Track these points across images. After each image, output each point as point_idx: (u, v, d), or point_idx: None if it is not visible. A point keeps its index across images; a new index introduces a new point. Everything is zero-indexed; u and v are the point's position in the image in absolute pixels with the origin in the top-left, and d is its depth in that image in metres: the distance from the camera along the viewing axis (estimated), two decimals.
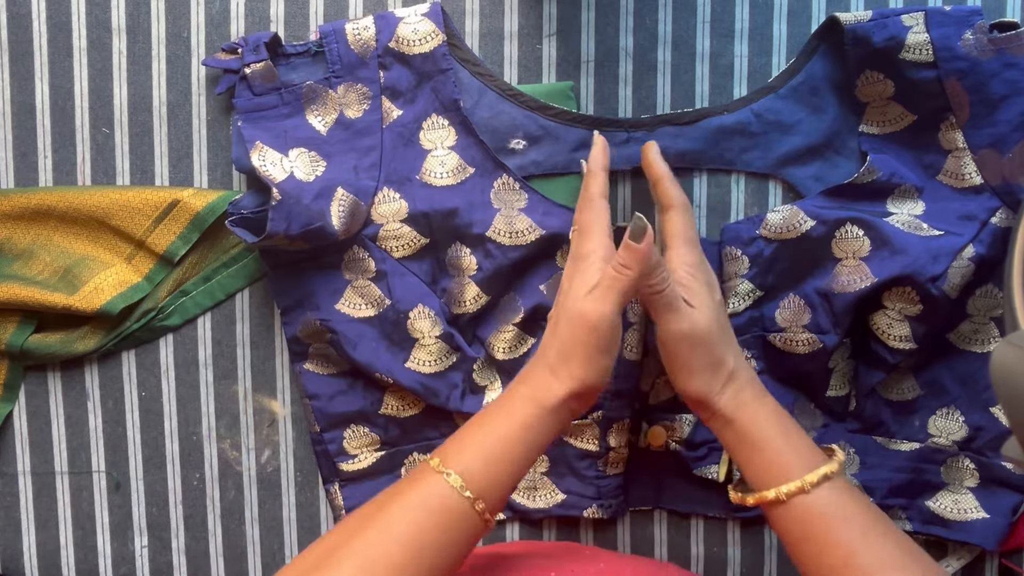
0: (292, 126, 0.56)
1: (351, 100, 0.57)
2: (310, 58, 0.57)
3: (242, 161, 0.56)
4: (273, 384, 0.61)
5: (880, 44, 0.53)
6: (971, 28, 0.52)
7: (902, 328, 0.54)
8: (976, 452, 0.57)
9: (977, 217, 0.54)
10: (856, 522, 0.45)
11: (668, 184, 0.53)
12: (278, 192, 0.53)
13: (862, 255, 0.54)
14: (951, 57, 0.52)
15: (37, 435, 0.62)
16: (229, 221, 0.55)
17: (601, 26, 0.59)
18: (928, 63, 0.53)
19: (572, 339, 0.47)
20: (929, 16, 0.53)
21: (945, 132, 0.55)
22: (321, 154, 0.56)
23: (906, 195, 0.56)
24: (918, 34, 0.52)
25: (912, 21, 0.53)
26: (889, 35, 0.53)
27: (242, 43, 0.56)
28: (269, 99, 0.56)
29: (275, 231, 0.53)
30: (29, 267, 0.59)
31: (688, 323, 0.48)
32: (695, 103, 0.58)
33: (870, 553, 0.44)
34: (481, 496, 0.44)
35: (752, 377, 0.50)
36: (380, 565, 0.42)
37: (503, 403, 0.48)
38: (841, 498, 0.46)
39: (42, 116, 0.60)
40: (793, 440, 0.48)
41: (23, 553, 0.62)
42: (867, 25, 0.53)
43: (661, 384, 0.59)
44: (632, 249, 0.46)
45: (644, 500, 0.61)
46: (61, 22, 0.59)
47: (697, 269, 0.51)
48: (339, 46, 0.56)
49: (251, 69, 0.56)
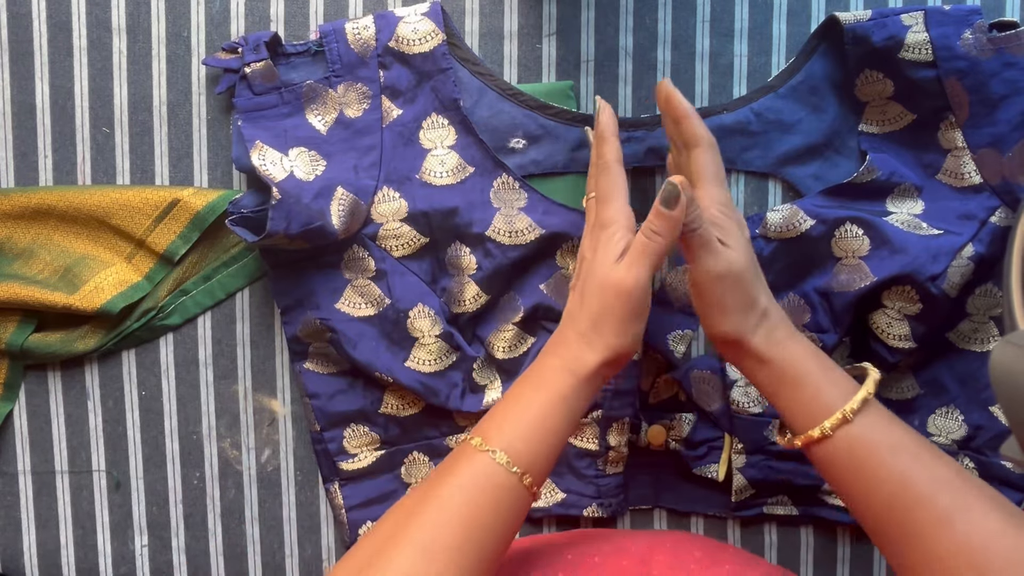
0: (292, 125, 0.56)
1: (351, 99, 0.57)
2: (310, 57, 0.57)
3: (242, 160, 0.56)
4: (273, 383, 0.61)
5: (879, 43, 0.53)
6: (970, 27, 0.52)
7: (901, 327, 0.54)
8: (976, 451, 0.57)
9: (976, 216, 0.54)
10: (905, 448, 0.44)
11: (694, 122, 0.51)
12: (278, 191, 0.53)
13: (862, 254, 0.54)
14: (950, 56, 0.52)
15: (37, 434, 0.62)
16: (229, 220, 0.55)
17: (601, 25, 0.59)
18: (928, 62, 0.53)
19: (603, 307, 0.47)
20: (928, 15, 0.53)
21: (944, 131, 0.55)
22: (321, 153, 0.56)
23: (905, 194, 0.56)
24: (917, 33, 0.52)
25: (911, 20, 0.53)
26: (888, 34, 0.53)
27: (242, 42, 0.56)
28: (269, 98, 0.56)
29: (275, 230, 0.53)
30: (29, 266, 0.59)
31: (724, 262, 0.47)
32: (695, 102, 0.58)
33: (925, 478, 0.43)
34: (528, 470, 0.45)
35: (783, 316, 0.49)
36: (438, 547, 0.42)
37: (535, 376, 0.48)
38: (885, 425, 0.45)
39: (42, 116, 0.60)
40: (831, 375, 0.47)
41: (23, 552, 0.62)
42: (867, 24, 0.53)
43: (661, 384, 0.59)
44: (664, 216, 0.46)
45: (644, 499, 0.61)
46: (61, 22, 0.59)
47: (728, 207, 0.50)
48: (339, 45, 0.56)
49: (251, 68, 0.56)
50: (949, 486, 0.43)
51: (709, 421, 0.58)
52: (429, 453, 0.60)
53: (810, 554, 0.60)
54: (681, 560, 0.50)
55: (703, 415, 0.58)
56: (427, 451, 0.60)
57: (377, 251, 0.57)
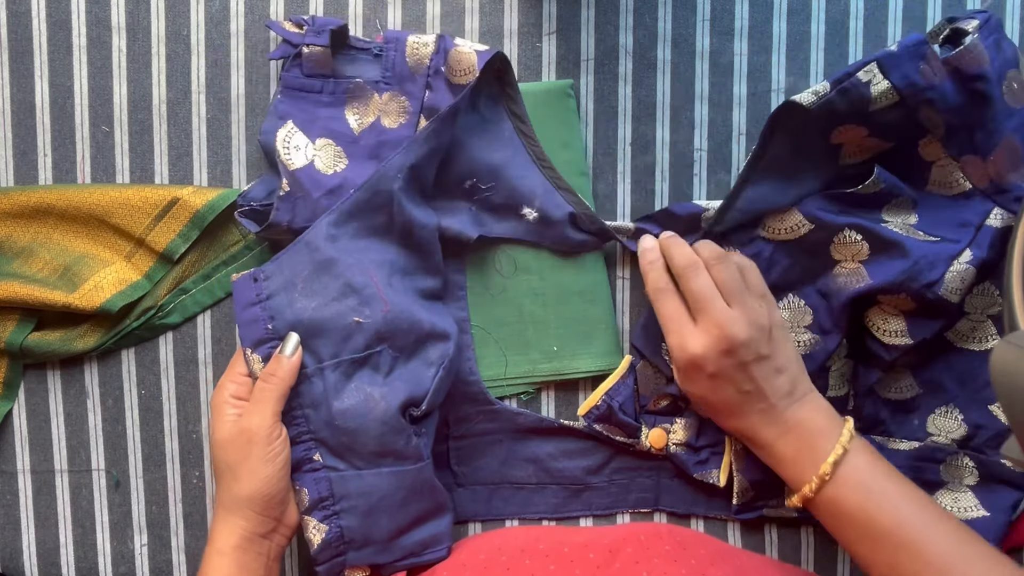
0: (328, 116, 0.56)
1: (392, 110, 0.57)
2: (371, 57, 0.57)
3: (269, 136, 0.56)
4: None
5: (848, 108, 0.52)
6: (923, 59, 0.51)
7: (897, 323, 0.54)
8: (975, 450, 0.57)
9: (972, 222, 0.54)
10: (888, 494, 0.48)
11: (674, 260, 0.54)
12: (288, 183, 0.53)
13: (861, 258, 0.54)
14: (916, 92, 0.51)
15: (37, 433, 0.62)
16: (238, 212, 0.55)
17: (601, 24, 0.59)
18: (896, 103, 0.51)
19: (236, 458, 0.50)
20: (881, 64, 0.50)
21: (925, 147, 0.54)
22: (347, 152, 0.56)
23: (901, 206, 0.55)
24: (879, 84, 0.50)
25: (868, 75, 0.51)
26: (854, 98, 0.51)
27: (309, 21, 0.56)
28: (315, 83, 0.56)
29: (278, 221, 0.53)
30: (29, 265, 0.59)
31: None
32: (695, 102, 0.59)
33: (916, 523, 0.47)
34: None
35: None
36: None
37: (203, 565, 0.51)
38: (861, 474, 0.49)
39: (42, 114, 0.60)
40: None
41: (23, 551, 0.62)
42: (830, 97, 0.51)
43: (661, 392, 0.59)
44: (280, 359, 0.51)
45: (644, 502, 0.60)
46: (61, 20, 0.59)
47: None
48: (397, 55, 0.56)
49: (309, 49, 0.56)
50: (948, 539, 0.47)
51: (710, 425, 0.58)
52: None
53: (810, 554, 0.60)
54: (648, 553, 0.52)
55: (703, 419, 0.58)
56: None
57: None
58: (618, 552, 0.52)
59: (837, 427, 0.51)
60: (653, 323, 0.56)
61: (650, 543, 0.53)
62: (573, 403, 0.60)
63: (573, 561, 0.51)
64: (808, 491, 0.49)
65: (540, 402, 0.60)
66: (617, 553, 0.52)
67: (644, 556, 0.52)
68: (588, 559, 0.52)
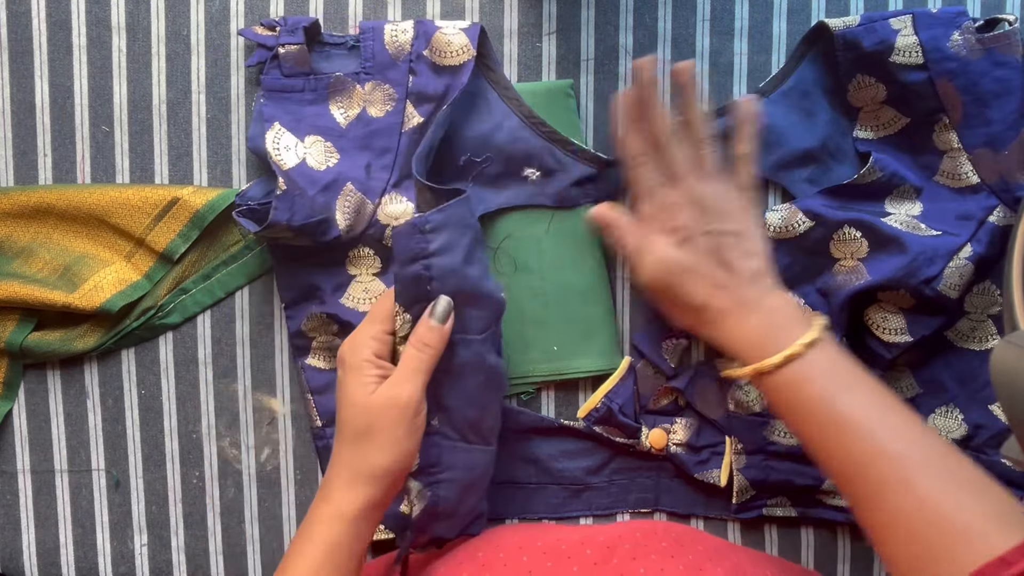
0: (313, 113, 0.56)
1: (376, 99, 0.57)
2: (346, 51, 0.57)
3: (256, 141, 0.56)
4: (272, 382, 0.61)
5: (870, 48, 0.53)
6: (958, 29, 0.53)
7: (897, 321, 0.54)
8: (975, 450, 0.57)
9: (974, 217, 0.54)
10: (856, 386, 0.46)
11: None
12: (284, 181, 0.53)
13: (860, 256, 0.54)
14: (941, 58, 0.53)
15: (36, 433, 0.62)
16: (236, 212, 0.55)
17: (601, 24, 0.59)
18: (918, 65, 0.53)
19: (369, 426, 0.48)
20: (917, 19, 0.53)
21: (939, 133, 0.55)
22: (336, 146, 0.56)
23: (904, 195, 0.56)
24: (907, 37, 0.53)
25: (900, 24, 0.53)
26: (878, 39, 0.53)
27: (281, 22, 0.56)
28: (296, 82, 0.56)
29: (277, 220, 0.53)
30: (29, 265, 0.59)
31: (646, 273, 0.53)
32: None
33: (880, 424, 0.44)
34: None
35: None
36: None
37: (308, 526, 0.48)
38: (832, 361, 0.47)
39: (42, 114, 0.60)
40: None
41: (23, 551, 0.62)
42: (856, 30, 0.54)
43: (661, 391, 0.59)
44: (435, 330, 0.49)
45: (644, 502, 0.60)
46: (61, 20, 0.59)
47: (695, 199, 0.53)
48: (375, 44, 0.56)
49: (285, 50, 0.56)
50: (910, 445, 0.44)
51: (711, 425, 0.58)
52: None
53: (810, 553, 0.60)
54: (645, 549, 0.52)
55: (704, 419, 0.58)
56: None
57: (383, 250, 0.57)
58: (615, 549, 0.52)
59: (809, 318, 0.49)
60: (654, 323, 0.56)
61: (647, 540, 0.53)
62: (573, 403, 0.60)
63: (570, 558, 0.51)
64: (770, 364, 0.47)
65: (540, 402, 0.60)
66: (614, 550, 0.52)
67: (641, 552, 0.52)
68: (585, 556, 0.52)
